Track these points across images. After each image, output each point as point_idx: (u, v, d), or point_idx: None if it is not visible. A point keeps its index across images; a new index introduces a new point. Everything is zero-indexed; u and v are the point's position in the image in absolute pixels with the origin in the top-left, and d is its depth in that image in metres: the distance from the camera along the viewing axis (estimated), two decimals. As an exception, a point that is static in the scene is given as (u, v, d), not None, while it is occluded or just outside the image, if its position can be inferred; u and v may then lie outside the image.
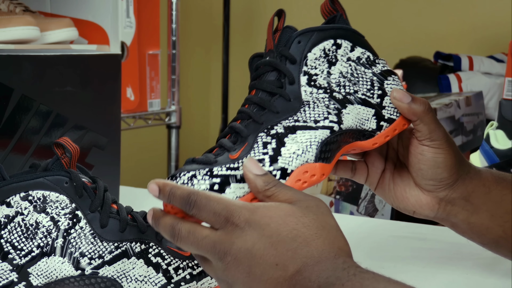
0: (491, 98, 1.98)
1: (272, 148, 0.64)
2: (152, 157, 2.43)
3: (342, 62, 0.68)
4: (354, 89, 0.68)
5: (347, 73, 0.68)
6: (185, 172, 0.63)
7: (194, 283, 0.69)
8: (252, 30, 2.60)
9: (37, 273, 0.67)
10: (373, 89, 0.69)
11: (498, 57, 2.10)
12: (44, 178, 0.68)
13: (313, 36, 0.68)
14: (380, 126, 0.69)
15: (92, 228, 0.68)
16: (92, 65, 1.00)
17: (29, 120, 0.90)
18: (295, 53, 0.67)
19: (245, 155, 0.63)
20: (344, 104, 0.67)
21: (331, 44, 0.68)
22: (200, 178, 0.62)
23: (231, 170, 0.62)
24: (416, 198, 0.73)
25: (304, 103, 0.66)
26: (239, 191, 0.62)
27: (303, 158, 0.64)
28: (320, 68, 0.68)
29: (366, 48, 0.70)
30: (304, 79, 0.67)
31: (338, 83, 0.68)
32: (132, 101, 1.69)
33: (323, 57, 0.68)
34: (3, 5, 1.50)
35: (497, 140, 1.24)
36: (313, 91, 0.67)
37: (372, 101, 0.69)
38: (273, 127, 0.65)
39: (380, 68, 0.70)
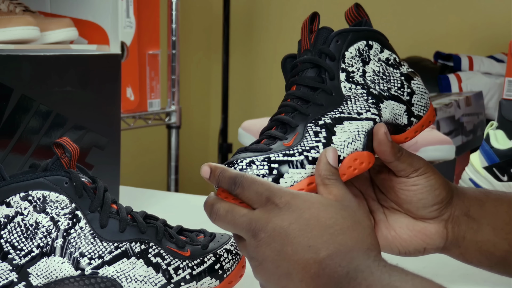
0: (491, 98, 1.98)
1: (323, 137, 0.67)
2: (152, 157, 2.43)
3: (374, 62, 0.72)
4: (387, 86, 0.71)
5: (379, 72, 0.72)
6: (243, 159, 0.65)
7: (194, 283, 0.69)
8: (252, 30, 2.60)
9: (37, 273, 0.67)
10: (403, 88, 0.72)
11: (498, 57, 2.10)
12: (44, 178, 0.68)
13: (349, 36, 0.71)
14: (410, 121, 0.73)
15: (92, 228, 0.68)
16: (92, 65, 1.00)
17: (29, 120, 0.90)
18: (334, 51, 0.70)
19: (298, 143, 0.66)
20: (381, 99, 0.70)
21: (364, 45, 0.71)
22: (259, 164, 0.64)
23: (288, 156, 0.65)
24: (424, 231, 0.71)
25: (345, 97, 0.69)
26: (296, 176, 0.65)
27: (353, 146, 0.67)
28: (356, 66, 0.71)
29: (391, 51, 0.74)
30: (343, 75, 0.70)
31: (373, 81, 0.71)
32: (132, 101, 1.69)
33: (358, 56, 0.71)
34: (3, 5, 1.50)
35: (497, 140, 1.24)
36: (351, 86, 0.70)
37: (403, 98, 0.72)
38: (321, 118, 0.68)
39: (405, 70, 0.74)
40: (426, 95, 0.75)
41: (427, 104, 0.75)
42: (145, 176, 2.39)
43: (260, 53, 2.60)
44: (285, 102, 0.70)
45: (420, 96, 0.74)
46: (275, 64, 2.61)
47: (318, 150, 0.66)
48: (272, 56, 2.54)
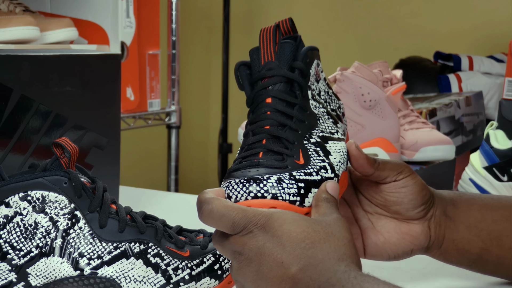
0: (491, 98, 1.98)
1: (325, 156, 0.66)
2: (152, 157, 2.43)
3: (322, 81, 0.71)
4: (333, 106, 0.71)
5: (326, 91, 0.71)
6: (268, 175, 0.62)
7: (193, 283, 0.69)
8: (252, 30, 2.60)
9: (36, 273, 0.67)
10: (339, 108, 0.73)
11: (498, 57, 2.10)
12: (43, 178, 0.68)
13: (313, 54, 0.70)
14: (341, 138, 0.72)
15: (91, 228, 0.68)
16: (92, 65, 1.00)
17: (28, 120, 0.90)
18: (307, 68, 0.69)
19: (309, 161, 0.64)
20: (336, 119, 0.71)
21: (316, 63, 0.70)
22: (288, 182, 0.62)
23: (308, 176, 0.64)
24: (411, 232, 0.72)
25: (316, 116, 0.68)
26: None
27: (344, 166, 0.67)
28: (315, 85, 0.70)
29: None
30: (309, 93, 0.69)
31: (325, 100, 0.71)
32: (132, 101, 1.69)
33: (314, 74, 0.70)
34: (3, 5, 1.50)
35: (497, 140, 1.24)
36: (316, 105, 0.69)
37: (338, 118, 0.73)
38: (311, 136, 0.67)
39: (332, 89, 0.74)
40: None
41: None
42: (145, 176, 2.39)
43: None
44: (265, 114, 0.66)
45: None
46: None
47: (327, 170, 0.65)
48: (272, 56, 2.54)
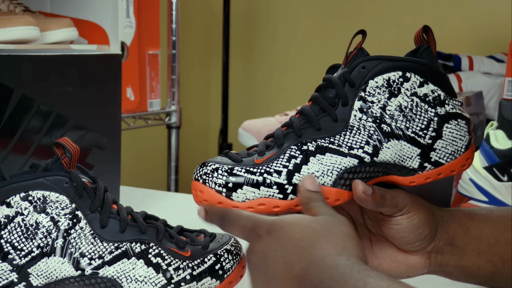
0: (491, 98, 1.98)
1: (294, 163, 0.67)
2: (152, 157, 2.43)
3: (404, 96, 0.68)
4: (406, 125, 0.68)
5: (405, 107, 0.68)
6: (212, 163, 0.67)
7: (194, 283, 0.69)
8: (252, 30, 2.60)
9: (37, 274, 0.67)
10: (427, 129, 0.69)
11: (498, 57, 2.10)
12: (44, 178, 0.68)
13: (380, 64, 0.69)
14: (423, 166, 0.69)
15: (92, 228, 0.68)
16: (92, 65, 1.00)
17: (29, 120, 0.90)
18: (355, 77, 0.69)
19: (268, 163, 0.67)
20: (389, 137, 0.68)
21: (398, 76, 0.69)
22: (220, 173, 0.66)
23: (249, 174, 0.66)
24: (406, 262, 0.72)
25: (348, 126, 0.68)
26: (249, 194, 0.66)
27: (319, 180, 0.67)
28: (379, 97, 0.68)
29: (440, 86, 0.69)
30: (358, 104, 0.68)
31: (392, 116, 0.68)
32: (132, 101, 1.69)
33: (386, 86, 0.68)
34: (3, 5, 1.50)
35: (497, 140, 1.24)
36: (362, 117, 0.68)
37: (421, 140, 0.69)
38: (307, 143, 0.68)
39: (447, 110, 0.69)
40: (462, 142, 0.70)
41: (458, 152, 0.70)
42: (145, 176, 2.39)
43: (260, 53, 2.60)
44: (292, 117, 0.70)
45: (449, 142, 0.69)
46: (275, 64, 2.62)
47: (279, 175, 0.66)
48: (272, 56, 2.54)
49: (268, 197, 0.66)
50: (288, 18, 2.53)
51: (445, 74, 0.70)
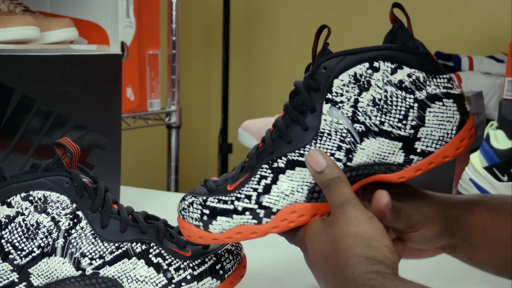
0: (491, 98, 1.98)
1: (264, 184, 0.64)
2: (152, 157, 2.43)
3: (375, 88, 0.63)
4: (381, 119, 0.63)
5: (380, 100, 0.63)
6: (189, 196, 0.66)
7: (195, 283, 0.69)
8: (252, 30, 2.60)
9: (37, 273, 0.67)
10: (406, 119, 0.63)
11: (498, 57, 2.10)
12: (45, 178, 0.68)
13: (342, 61, 0.64)
14: (408, 160, 0.64)
15: (93, 228, 0.68)
16: (92, 65, 1.00)
17: (29, 120, 0.90)
18: (319, 80, 0.64)
19: (239, 188, 0.65)
20: (362, 138, 0.64)
21: (365, 68, 0.63)
22: (195, 207, 0.65)
23: (221, 203, 0.65)
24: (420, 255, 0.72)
25: (319, 134, 0.64)
26: (225, 224, 0.64)
27: (291, 198, 0.64)
28: (348, 95, 0.64)
29: (418, 67, 0.63)
30: (327, 107, 0.64)
31: (365, 112, 0.63)
32: (132, 101, 1.69)
33: (353, 83, 0.63)
34: (3, 5, 1.50)
35: (497, 140, 1.24)
36: (333, 120, 0.64)
37: (401, 132, 0.63)
38: (278, 159, 0.65)
39: (429, 91, 0.63)
40: (450, 123, 0.64)
41: (448, 135, 0.64)
42: (145, 176, 2.39)
43: (260, 53, 2.59)
44: (268, 130, 0.67)
45: (435, 128, 0.64)
46: (275, 64, 2.62)
47: (250, 201, 0.64)
48: (272, 56, 2.54)
49: (243, 225, 0.64)
50: (288, 18, 2.53)
51: (425, 51, 0.64)
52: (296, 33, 2.50)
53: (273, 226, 0.64)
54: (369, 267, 0.57)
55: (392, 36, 0.65)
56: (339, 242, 0.59)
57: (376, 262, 0.58)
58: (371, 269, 0.57)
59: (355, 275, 0.57)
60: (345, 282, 0.57)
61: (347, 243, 0.59)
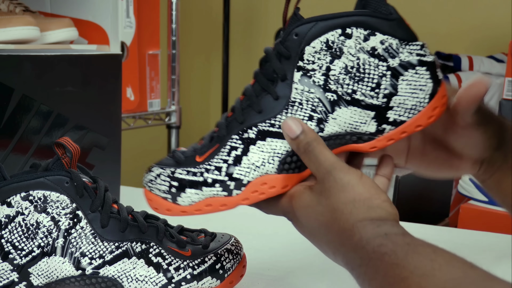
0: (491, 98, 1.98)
1: (235, 155, 0.63)
2: (152, 157, 2.42)
3: (348, 55, 0.62)
4: (353, 88, 0.62)
5: (352, 67, 0.62)
6: (156, 168, 0.65)
7: (195, 283, 0.69)
8: (252, 30, 2.60)
9: (37, 273, 0.67)
10: (379, 88, 0.62)
11: (498, 57, 2.10)
12: (45, 178, 0.68)
13: (313, 27, 0.62)
14: (381, 129, 0.63)
15: (93, 228, 0.68)
16: (92, 65, 1.00)
17: (29, 120, 0.90)
18: (290, 47, 0.62)
19: (209, 160, 0.64)
20: (334, 107, 0.62)
21: (337, 35, 0.62)
22: (163, 179, 0.64)
23: (190, 175, 0.63)
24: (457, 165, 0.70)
25: (290, 103, 0.63)
26: (194, 196, 0.64)
27: (261, 170, 0.63)
28: (319, 63, 0.62)
29: (391, 33, 0.62)
30: (298, 75, 0.62)
31: (337, 80, 0.62)
32: (132, 101, 1.69)
33: (325, 50, 0.62)
34: (3, 5, 1.50)
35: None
36: (304, 88, 0.62)
37: (374, 101, 0.62)
38: (248, 130, 0.63)
39: (402, 59, 0.62)
40: (423, 92, 0.63)
41: (420, 104, 0.63)
42: (145, 176, 2.39)
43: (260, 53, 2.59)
44: (237, 99, 0.65)
45: (407, 96, 0.62)
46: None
47: (220, 172, 0.63)
48: (272, 56, 2.54)
49: (213, 197, 0.63)
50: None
51: (398, 17, 0.63)
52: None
53: (244, 197, 0.63)
54: (376, 230, 0.56)
55: (365, 2, 0.64)
56: (339, 210, 0.59)
57: (381, 222, 0.57)
58: (378, 232, 0.56)
59: (364, 242, 0.56)
60: (354, 249, 0.56)
61: (347, 210, 0.58)
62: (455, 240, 1.00)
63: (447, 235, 1.04)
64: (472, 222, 1.49)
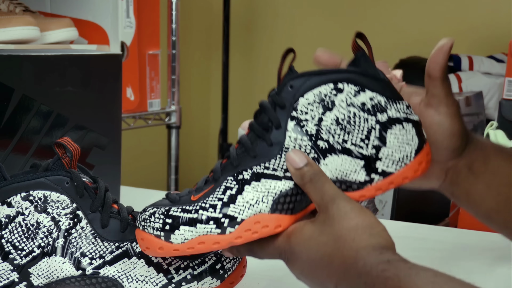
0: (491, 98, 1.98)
1: (229, 195, 0.64)
2: (152, 157, 2.43)
3: (339, 108, 0.66)
4: (344, 138, 0.66)
5: (343, 120, 0.66)
6: (151, 208, 0.66)
7: (195, 283, 0.69)
8: (252, 30, 2.60)
9: (38, 273, 0.67)
10: (368, 139, 0.66)
11: (498, 57, 2.10)
12: (45, 178, 0.68)
13: (308, 80, 0.66)
14: (370, 179, 0.66)
15: (93, 228, 0.68)
16: (92, 65, 1.00)
17: (29, 120, 0.90)
18: (285, 98, 0.66)
19: (205, 198, 0.65)
20: (326, 154, 0.66)
21: (330, 89, 0.66)
22: (157, 216, 0.64)
23: (185, 212, 0.64)
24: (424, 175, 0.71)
25: (284, 149, 0.65)
26: (187, 234, 0.64)
27: (255, 208, 0.64)
28: (312, 114, 0.66)
29: (379, 91, 0.66)
30: (291, 124, 0.66)
31: (328, 130, 0.66)
32: (132, 101, 1.69)
33: (318, 102, 0.66)
34: (3, 5, 1.50)
35: (497, 140, 1.24)
36: (297, 137, 0.66)
37: (363, 151, 0.66)
38: (243, 172, 0.65)
39: (390, 115, 0.66)
40: (410, 146, 0.67)
41: (407, 158, 0.67)
42: (145, 176, 2.39)
43: (260, 53, 2.60)
44: (232, 147, 0.68)
45: (395, 149, 0.66)
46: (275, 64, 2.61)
47: (214, 210, 0.64)
48: (272, 56, 2.54)
49: (206, 234, 0.64)
50: (288, 18, 2.53)
51: (385, 79, 0.67)
52: (296, 33, 2.50)
53: (237, 236, 0.64)
54: (379, 257, 0.57)
55: (356, 62, 0.68)
56: (342, 238, 0.60)
57: (382, 249, 0.58)
58: (381, 259, 0.57)
59: (368, 268, 0.57)
60: (359, 276, 0.57)
61: (350, 237, 0.59)
62: (455, 240, 1.00)
63: (447, 235, 1.04)
64: (472, 222, 1.49)
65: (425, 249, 0.93)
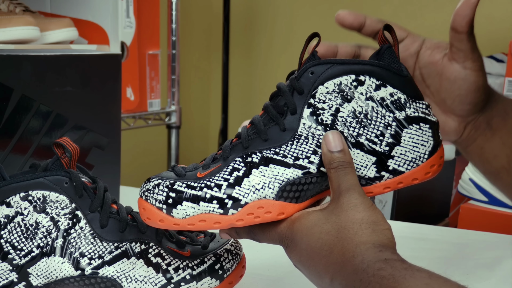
0: (491, 98, 1.98)
1: (236, 176, 0.64)
2: (152, 157, 2.43)
3: (358, 101, 0.65)
4: (359, 132, 0.65)
5: (360, 113, 0.65)
6: (155, 179, 0.65)
7: (194, 283, 0.69)
8: (252, 30, 2.60)
9: (37, 273, 0.67)
10: (383, 136, 0.65)
11: (498, 57, 2.10)
12: (44, 178, 0.68)
13: (329, 69, 0.65)
14: (380, 176, 0.66)
15: (92, 228, 0.68)
16: (92, 65, 1.00)
17: (29, 120, 0.90)
18: (304, 84, 0.65)
19: (211, 176, 0.64)
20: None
21: (351, 80, 0.65)
22: (161, 188, 0.64)
23: (189, 188, 0.64)
24: (443, 125, 0.71)
25: (296, 136, 0.65)
26: (189, 210, 0.63)
27: (260, 193, 0.64)
28: (330, 103, 0.65)
29: (400, 88, 0.65)
30: (308, 111, 0.65)
31: (344, 122, 0.64)
32: (132, 101, 1.69)
33: (337, 92, 0.65)
34: (3, 5, 1.50)
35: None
36: (312, 125, 0.65)
37: (377, 148, 0.65)
38: (252, 154, 0.65)
39: (408, 113, 0.65)
40: (424, 147, 0.65)
41: (419, 159, 0.66)
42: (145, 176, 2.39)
43: (260, 53, 2.60)
44: (244, 127, 0.68)
45: (409, 149, 0.65)
46: (275, 64, 2.62)
47: (219, 189, 0.63)
48: (272, 56, 2.54)
49: (208, 213, 0.63)
50: (287, 18, 2.53)
51: (408, 76, 0.66)
52: (296, 33, 2.50)
53: (239, 218, 0.64)
54: (378, 255, 0.57)
55: (380, 55, 0.66)
56: (345, 229, 0.60)
57: (382, 247, 0.58)
58: (379, 257, 0.57)
59: (365, 265, 0.57)
60: (355, 272, 0.57)
61: (353, 230, 0.59)
62: (455, 240, 1.00)
63: (447, 235, 1.04)
64: (472, 222, 1.49)
65: (424, 249, 0.93)
